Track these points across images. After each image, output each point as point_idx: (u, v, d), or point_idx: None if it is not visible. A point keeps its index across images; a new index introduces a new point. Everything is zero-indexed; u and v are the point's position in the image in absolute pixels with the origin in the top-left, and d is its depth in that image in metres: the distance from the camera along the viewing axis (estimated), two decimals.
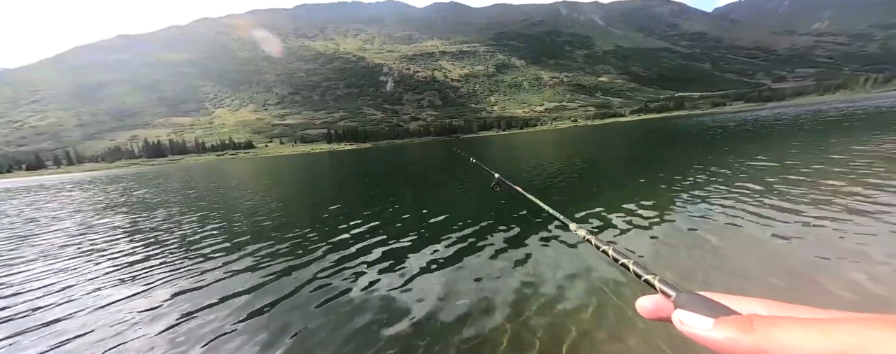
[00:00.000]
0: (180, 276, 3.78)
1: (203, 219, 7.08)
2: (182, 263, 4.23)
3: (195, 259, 4.36)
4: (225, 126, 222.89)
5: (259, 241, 4.89)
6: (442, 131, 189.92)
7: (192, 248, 4.91)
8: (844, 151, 7.67)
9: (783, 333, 0.25)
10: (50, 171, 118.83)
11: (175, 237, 5.74)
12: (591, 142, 22.85)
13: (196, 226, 6.43)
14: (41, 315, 3.08)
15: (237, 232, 5.63)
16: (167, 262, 4.32)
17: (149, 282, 3.64)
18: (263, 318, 2.69)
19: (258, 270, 3.72)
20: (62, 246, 5.77)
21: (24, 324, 2.92)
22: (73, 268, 4.44)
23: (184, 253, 4.67)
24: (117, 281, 3.79)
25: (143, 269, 4.09)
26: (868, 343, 0.22)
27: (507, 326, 2.28)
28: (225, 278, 3.57)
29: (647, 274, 0.40)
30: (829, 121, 17.11)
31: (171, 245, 5.21)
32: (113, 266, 4.36)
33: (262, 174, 21.25)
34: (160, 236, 5.91)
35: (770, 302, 0.31)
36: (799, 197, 4.53)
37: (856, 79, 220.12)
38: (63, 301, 3.34)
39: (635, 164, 10.11)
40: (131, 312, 2.98)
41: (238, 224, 6.37)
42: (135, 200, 11.96)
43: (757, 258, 2.96)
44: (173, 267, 4.12)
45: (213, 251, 4.66)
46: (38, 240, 6.49)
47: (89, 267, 4.40)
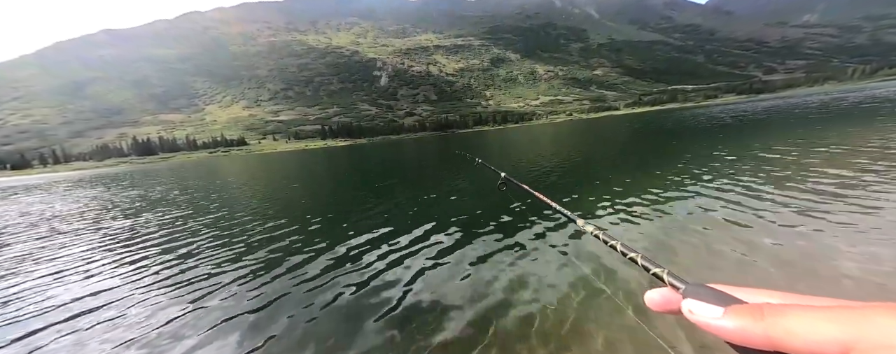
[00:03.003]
0: (180, 277, 3.74)
1: (199, 217, 6.99)
2: (190, 263, 4.18)
3: (195, 260, 4.29)
4: (217, 123, 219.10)
5: (259, 243, 4.74)
6: (437, 126, 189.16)
7: (191, 248, 4.88)
8: (841, 142, 7.76)
9: (793, 321, 0.25)
10: (36, 171, 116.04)
11: (169, 234, 5.66)
12: (588, 135, 22.95)
13: (191, 223, 6.35)
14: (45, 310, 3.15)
15: (229, 234, 5.54)
16: (170, 263, 4.25)
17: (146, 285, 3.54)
18: (262, 317, 2.68)
19: (259, 273, 3.61)
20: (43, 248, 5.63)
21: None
22: (68, 269, 4.35)
23: (187, 254, 4.62)
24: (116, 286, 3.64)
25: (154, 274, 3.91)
26: (877, 331, 0.22)
27: (513, 322, 2.30)
28: (214, 284, 3.46)
29: (656, 268, 0.41)
30: (821, 113, 17.38)
31: (170, 245, 5.12)
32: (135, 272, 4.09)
33: (256, 171, 21.00)
34: (153, 235, 5.83)
35: (778, 293, 0.32)
36: (796, 186, 4.64)
37: (844, 71, 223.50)
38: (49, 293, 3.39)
39: (632, 157, 10.18)
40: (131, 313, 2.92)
41: (232, 224, 6.30)
42: (141, 199, 11.74)
43: (756, 248, 2.98)
44: (178, 268, 4.04)
45: (209, 252, 4.59)
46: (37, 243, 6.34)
47: (79, 271, 4.26)
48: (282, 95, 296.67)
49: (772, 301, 0.30)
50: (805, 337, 0.24)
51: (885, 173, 4.75)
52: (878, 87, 58.53)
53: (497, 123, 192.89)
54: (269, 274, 3.52)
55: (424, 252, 3.76)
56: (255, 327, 2.53)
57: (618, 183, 6.38)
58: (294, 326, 2.50)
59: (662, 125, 23.98)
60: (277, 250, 4.30)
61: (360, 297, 2.86)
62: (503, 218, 4.71)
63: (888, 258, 2.54)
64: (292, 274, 3.46)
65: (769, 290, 0.32)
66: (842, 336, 0.23)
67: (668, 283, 0.38)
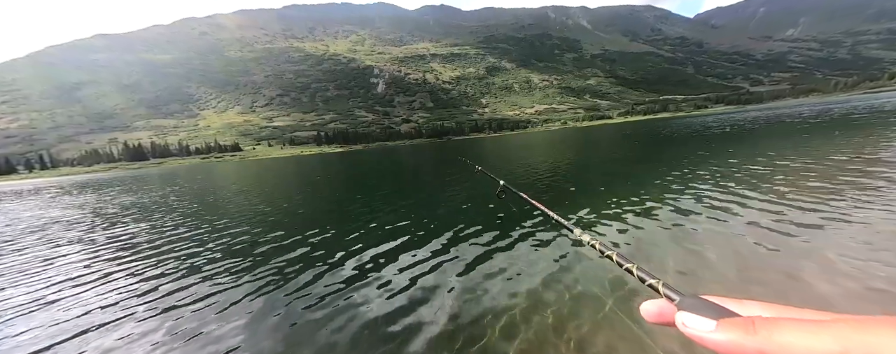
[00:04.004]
0: (181, 278, 3.77)
1: (194, 223, 6.68)
2: (186, 267, 4.21)
3: (195, 265, 4.31)
4: (210, 128, 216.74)
5: (257, 252, 4.68)
6: (433, 133, 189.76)
7: (188, 248, 4.92)
8: (827, 151, 7.84)
9: (785, 334, 0.25)
10: (21, 176, 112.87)
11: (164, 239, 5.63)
12: (582, 143, 23.08)
13: (186, 230, 6.05)
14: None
15: (225, 242, 5.49)
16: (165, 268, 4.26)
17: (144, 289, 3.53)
18: (264, 324, 2.67)
19: (258, 281, 3.56)
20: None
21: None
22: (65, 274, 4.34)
23: (183, 256, 4.66)
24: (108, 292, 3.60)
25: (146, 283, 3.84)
26: (869, 344, 0.22)
27: (507, 330, 2.29)
28: (213, 287, 3.46)
29: (651, 279, 0.40)
30: (812, 124, 17.75)
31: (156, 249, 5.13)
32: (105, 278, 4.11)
33: (249, 178, 20.58)
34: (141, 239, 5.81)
35: (771, 305, 0.31)
36: (785, 196, 4.68)
37: (827, 83, 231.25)
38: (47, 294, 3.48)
39: (626, 165, 10.16)
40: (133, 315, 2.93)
41: (227, 233, 6.02)
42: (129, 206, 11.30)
43: (745, 257, 2.98)
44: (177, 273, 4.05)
45: (205, 255, 4.62)
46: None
47: (76, 275, 4.26)
48: (278, 101, 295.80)
49: (765, 314, 0.30)
50: (798, 351, 0.24)
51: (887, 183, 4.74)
52: (863, 99, 60.40)
53: (493, 131, 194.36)
54: (273, 281, 3.47)
55: (421, 258, 3.76)
56: (239, 336, 2.50)
57: (612, 190, 6.32)
58: (289, 333, 2.48)
59: (657, 133, 24.29)
60: (280, 261, 4.18)
61: (354, 304, 2.84)
62: (500, 225, 4.68)
63: (883, 269, 2.52)
64: (289, 283, 3.41)
65: (763, 303, 0.32)
66: (835, 350, 0.23)
67: (663, 294, 0.38)
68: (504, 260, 3.52)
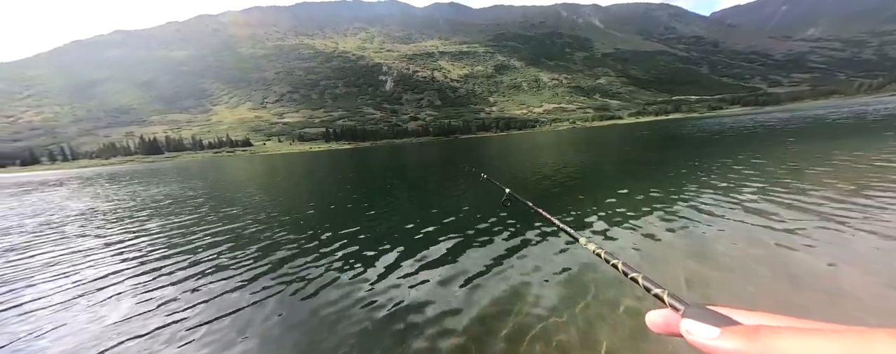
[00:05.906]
0: (180, 276, 3.87)
1: (201, 218, 7.12)
2: (190, 261, 4.37)
3: (196, 260, 4.44)
4: (223, 123, 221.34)
5: (266, 248, 4.80)
6: (441, 131, 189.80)
7: (189, 246, 5.09)
8: (847, 157, 7.77)
9: (787, 343, 0.25)
10: (44, 167, 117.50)
11: (167, 234, 5.77)
12: (590, 144, 23.00)
13: (194, 226, 6.49)
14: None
15: (230, 237, 5.65)
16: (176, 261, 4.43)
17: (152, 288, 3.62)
18: (267, 322, 2.72)
19: (262, 280, 3.63)
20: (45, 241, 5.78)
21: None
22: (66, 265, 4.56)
23: (189, 253, 4.85)
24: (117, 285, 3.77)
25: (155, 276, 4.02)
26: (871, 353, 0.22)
27: (512, 337, 2.31)
28: (216, 285, 3.55)
29: (657, 288, 0.40)
30: (832, 126, 17.35)
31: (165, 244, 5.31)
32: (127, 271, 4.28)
33: (261, 173, 21.21)
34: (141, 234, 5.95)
35: (775, 316, 0.32)
36: (800, 202, 4.61)
37: (850, 85, 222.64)
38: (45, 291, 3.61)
39: (636, 168, 10.22)
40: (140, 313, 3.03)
41: (232, 226, 6.42)
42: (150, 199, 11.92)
43: (754, 265, 2.96)
44: (180, 267, 4.21)
45: (208, 252, 4.75)
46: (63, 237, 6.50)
47: (85, 269, 4.43)
48: (288, 98, 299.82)
49: (769, 324, 0.30)
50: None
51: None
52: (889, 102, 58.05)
53: (500, 130, 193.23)
54: (276, 282, 3.52)
55: (426, 263, 3.77)
56: (241, 334, 2.54)
57: (621, 194, 6.42)
58: (298, 337, 2.51)
59: (670, 134, 24.00)
60: (284, 258, 4.27)
61: (356, 307, 2.88)
62: (505, 233, 4.65)
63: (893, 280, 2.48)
64: (297, 284, 3.45)
65: (767, 313, 0.32)
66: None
67: (668, 304, 0.38)
68: (508, 267, 3.51)
